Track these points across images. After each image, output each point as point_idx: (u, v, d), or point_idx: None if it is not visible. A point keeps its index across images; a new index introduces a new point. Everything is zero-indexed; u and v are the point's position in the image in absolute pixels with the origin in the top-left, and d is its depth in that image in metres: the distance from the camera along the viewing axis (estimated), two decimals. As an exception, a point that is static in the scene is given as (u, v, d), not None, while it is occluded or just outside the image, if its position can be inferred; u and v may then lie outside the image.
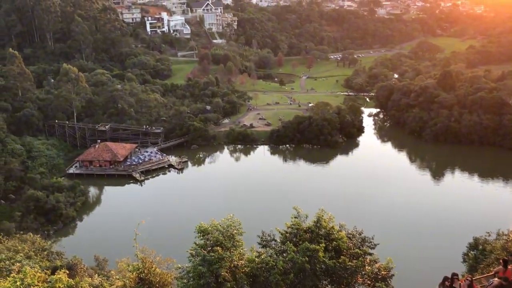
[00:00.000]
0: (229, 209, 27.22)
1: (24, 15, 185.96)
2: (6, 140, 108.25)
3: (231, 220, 22.57)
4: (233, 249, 21.53)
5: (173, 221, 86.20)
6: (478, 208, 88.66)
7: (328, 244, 22.95)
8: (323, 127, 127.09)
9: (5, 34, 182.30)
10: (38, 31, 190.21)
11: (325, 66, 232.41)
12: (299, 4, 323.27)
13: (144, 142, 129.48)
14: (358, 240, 24.22)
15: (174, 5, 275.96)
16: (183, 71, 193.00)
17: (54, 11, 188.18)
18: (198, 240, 21.87)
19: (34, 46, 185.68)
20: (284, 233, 24.04)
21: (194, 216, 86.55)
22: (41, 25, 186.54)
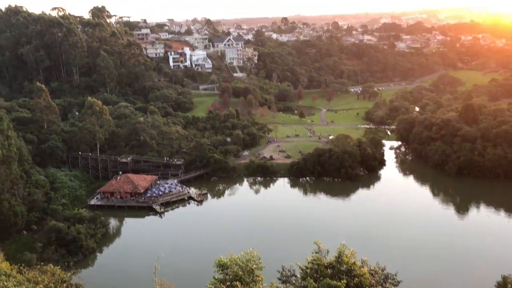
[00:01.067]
0: (249, 243, 26.94)
1: (52, 50, 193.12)
2: (31, 172, 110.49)
3: (250, 254, 22.30)
4: (253, 284, 21.20)
5: (192, 254, 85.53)
6: (505, 244, 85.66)
7: (350, 280, 22.40)
8: (343, 159, 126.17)
9: (34, 69, 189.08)
10: (65, 66, 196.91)
11: (345, 99, 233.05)
12: (319, 39, 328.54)
13: (164, 174, 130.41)
14: (380, 277, 23.60)
15: (197, 40, 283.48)
16: (204, 103, 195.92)
17: (80, 46, 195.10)
18: (217, 274, 21.63)
19: (61, 80, 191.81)
20: (305, 269, 23.60)
21: (213, 250, 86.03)
22: (68, 60, 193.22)
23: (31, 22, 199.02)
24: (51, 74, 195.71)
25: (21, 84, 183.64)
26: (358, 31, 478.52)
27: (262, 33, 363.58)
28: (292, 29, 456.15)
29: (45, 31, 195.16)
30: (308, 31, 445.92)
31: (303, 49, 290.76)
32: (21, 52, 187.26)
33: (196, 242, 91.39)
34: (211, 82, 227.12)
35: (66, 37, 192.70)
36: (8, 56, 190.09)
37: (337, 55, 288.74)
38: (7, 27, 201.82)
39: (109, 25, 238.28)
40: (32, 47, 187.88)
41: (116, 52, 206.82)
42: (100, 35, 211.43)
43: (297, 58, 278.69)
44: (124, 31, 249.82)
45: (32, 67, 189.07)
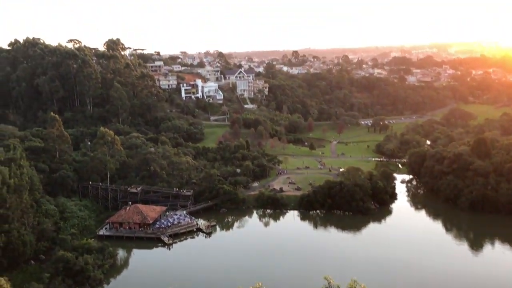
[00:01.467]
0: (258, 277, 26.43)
1: (67, 81, 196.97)
2: (41, 201, 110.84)
3: (259, 289, 21.84)
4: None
5: (200, 287, 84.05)
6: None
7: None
8: (354, 192, 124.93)
9: (48, 99, 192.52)
10: (79, 96, 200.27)
11: (356, 132, 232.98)
12: (329, 72, 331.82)
13: (174, 204, 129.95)
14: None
15: (209, 72, 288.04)
16: (215, 134, 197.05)
17: (95, 77, 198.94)
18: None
19: (74, 110, 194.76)
20: (315, 306, 22.98)
21: (221, 283, 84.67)
22: (82, 90, 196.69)
23: (48, 54, 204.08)
24: (65, 104, 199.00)
25: (36, 114, 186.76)
26: (368, 64, 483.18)
27: (272, 65, 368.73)
28: (302, 62, 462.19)
29: (60, 62, 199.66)
30: (319, 64, 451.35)
31: (314, 82, 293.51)
32: (36, 82, 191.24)
33: (204, 275, 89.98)
34: (222, 113, 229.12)
35: (81, 68, 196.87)
36: (24, 87, 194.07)
37: (347, 88, 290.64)
38: (24, 58, 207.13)
39: (124, 57, 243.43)
40: (47, 78, 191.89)
41: (129, 84, 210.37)
42: (114, 66, 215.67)
43: (308, 91, 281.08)
44: (138, 63, 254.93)
45: (47, 97, 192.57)
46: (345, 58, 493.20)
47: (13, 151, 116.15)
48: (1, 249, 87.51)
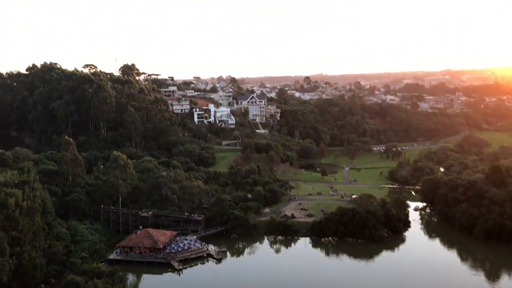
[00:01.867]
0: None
1: (81, 105, 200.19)
2: (53, 224, 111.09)
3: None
4: None
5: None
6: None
7: None
8: (367, 220, 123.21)
9: (63, 123, 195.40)
10: (93, 120, 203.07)
11: (368, 158, 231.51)
12: (341, 98, 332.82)
13: (184, 229, 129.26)
14: None
15: (221, 97, 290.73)
16: (227, 159, 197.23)
17: (109, 102, 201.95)
18: None
19: (88, 134, 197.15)
20: None
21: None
22: (97, 114, 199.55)
23: (64, 78, 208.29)
24: (80, 128, 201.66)
25: (50, 137, 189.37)
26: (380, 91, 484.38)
27: (285, 91, 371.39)
28: (314, 88, 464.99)
29: (76, 86, 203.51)
30: (331, 90, 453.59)
31: (326, 108, 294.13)
32: (52, 106, 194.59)
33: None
34: (233, 138, 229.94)
35: (96, 93, 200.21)
36: (40, 110, 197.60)
37: (359, 114, 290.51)
38: (41, 82, 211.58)
39: (138, 82, 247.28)
40: (63, 102, 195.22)
41: (143, 108, 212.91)
42: (129, 91, 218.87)
43: (320, 116, 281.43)
44: (152, 88, 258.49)
45: (61, 121, 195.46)
46: (357, 84, 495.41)
47: (27, 174, 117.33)
48: (12, 272, 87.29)
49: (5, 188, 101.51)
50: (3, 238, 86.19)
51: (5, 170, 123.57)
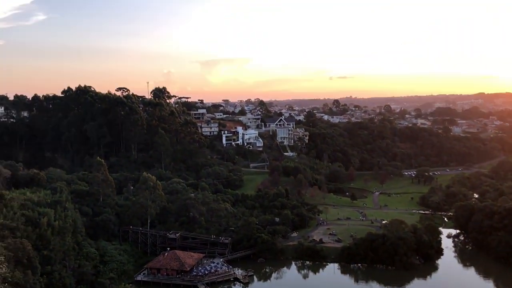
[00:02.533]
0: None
1: (113, 127, 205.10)
2: (83, 244, 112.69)
3: None
4: None
5: None
6: None
7: None
8: (397, 246, 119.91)
9: (95, 144, 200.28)
10: (124, 142, 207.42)
11: (399, 183, 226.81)
12: (371, 121, 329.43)
13: (211, 252, 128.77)
14: None
15: (249, 120, 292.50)
16: (254, 181, 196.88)
17: (141, 124, 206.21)
18: None
19: (119, 155, 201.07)
20: None
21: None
22: (128, 136, 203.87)
23: (97, 101, 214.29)
24: (111, 149, 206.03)
25: (83, 158, 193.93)
26: (411, 114, 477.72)
27: (313, 114, 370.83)
28: (343, 111, 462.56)
29: (109, 109, 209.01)
30: (360, 114, 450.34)
31: (355, 131, 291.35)
32: (85, 128, 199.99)
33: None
34: (261, 161, 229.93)
35: (128, 115, 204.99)
36: (74, 132, 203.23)
37: (390, 138, 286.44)
38: (75, 105, 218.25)
39: (169, 104, 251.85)
40: (95, 124, 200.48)
41: (173, 130, 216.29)
42: (160, 114, 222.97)
43: (349, 140, 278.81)
44: (182, 110, 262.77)
45: (94, 143, 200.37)
46: (387, 108, 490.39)
47: (60, 194, 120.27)
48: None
49: (38, 207, 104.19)
50: (35, 257, 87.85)
51: (39, 190, 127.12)
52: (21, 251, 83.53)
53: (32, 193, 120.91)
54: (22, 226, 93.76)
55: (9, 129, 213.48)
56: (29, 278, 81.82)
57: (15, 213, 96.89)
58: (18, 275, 76.64)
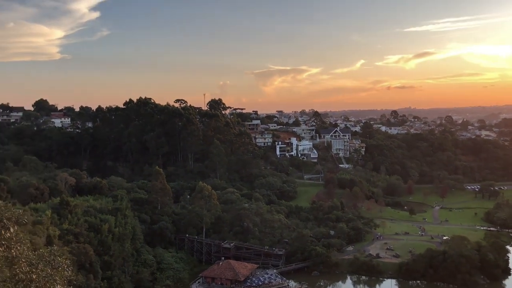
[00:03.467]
0: None
1: (171, 138, 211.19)
2: (141, 250, 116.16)
3: None
4: None
5: None
6: None
7: None
8: (460, 264, 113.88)
9: (154, 154, 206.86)
10: (181, 152, 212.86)
11: (461, 197, 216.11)
12: (431, 133, 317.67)
13: (265, 263, 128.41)
14: None
15: (304, 131, 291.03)
16: (308, 193, 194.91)
17: (197, 135, 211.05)
18: None
19: (177, 165, 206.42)
20: None
21: None
22: (185, 146, 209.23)
23: (157, 112, 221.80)
24: (169, 159, 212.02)
25: (142, 167, 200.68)
26: (474, 125, 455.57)
27: (370, 125, 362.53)
28: (402, 122, 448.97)
29: (167, 120, 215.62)
30: (419, 125, 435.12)
31: (414, 143, 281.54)
32: (145, 138, 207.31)
33: None
34: (316, 172, 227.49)
35: (185, 126, 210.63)
36: (134, 142, 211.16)
37: (451, 150, 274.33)
38: (136, 116, 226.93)
39: (224, 116, 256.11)
40: (154, 135, 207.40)
41: (228, 141, 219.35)
42: (215, 125, 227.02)
43: (407, 152, 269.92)
44: (236, 121, 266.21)
45: (153, 152, 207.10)
46: (449, 119, 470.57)
47: (120, 202, 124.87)
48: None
49: (100, 214, 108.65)
50: (96, 262, 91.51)
51: (101, 197, 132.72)
52: (84, 256, 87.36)
53: (94, 200, 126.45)
54: (85, 232, 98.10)
55: (74, 139, 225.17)
56: (91, 282, 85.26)
57: (79, 219, 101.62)
58: (81, 279, 80.00)
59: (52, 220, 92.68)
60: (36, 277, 16.04)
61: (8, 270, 15.88)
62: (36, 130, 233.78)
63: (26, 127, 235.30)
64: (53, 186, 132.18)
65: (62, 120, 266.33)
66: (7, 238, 15.89)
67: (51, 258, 17.61)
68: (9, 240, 15.97)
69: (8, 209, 16.36)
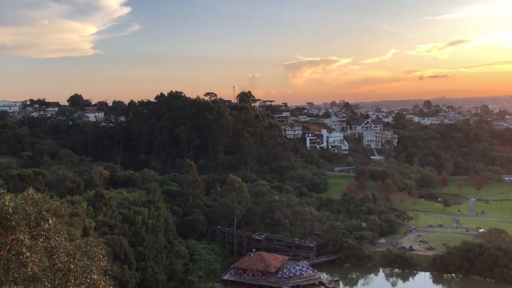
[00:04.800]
0: None
1: (202, 131, 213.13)
2: (174, 242, 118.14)
3: None
4: None
5: None
6: None
7: None
8: (497, 257, 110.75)
9: (185, 147, 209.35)
10: (212, 145, 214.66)
11: (498, 189, 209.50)
12: (466, 123, 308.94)
13: (296, 255, 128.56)
14: None
15: (334, 123, 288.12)
16: (339, 185, 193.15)
17: (227, 128, 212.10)
18: None
19: (208, 157, 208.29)
20: None
21: None
22: (216, 139, 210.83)
23: (187, 106, 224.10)
24: (200, 152, 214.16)
25: (174, 160, 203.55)
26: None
27: (402, 116, 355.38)
28: (435, 112, 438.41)
29: (198, 113, 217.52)
30: (454, 115, 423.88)
31: (448, 133, 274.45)
32: (176, 132, 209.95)
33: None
34: (347, 164, 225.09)
35: (215, 119, 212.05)
36: (166, 135, 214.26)
37: (487, 140, 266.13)
38: (167, 110, 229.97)
39: (253, 108, 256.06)
40: (185, 128, 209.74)
41: (257, 133, 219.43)
42: (245, 117, 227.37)
43: (441, 142, 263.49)
44: (266, 114, 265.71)
45: (184, 145, 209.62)
46: (485, 108, 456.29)
47: (153, 194, 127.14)
48: (138, 285, 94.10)
49: (134, 206, 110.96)
50: (131, 253, 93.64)
51: (135, 190, 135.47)
52: (118, 247, 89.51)
53: (128, 192, 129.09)
54: (120, 224, 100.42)
55: (108, 133, 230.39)
56: (125, 272, 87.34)
57: (113, 211, 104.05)
58: (116, 269, 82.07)
59: (87, 212, 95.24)
60: (74, 267, 16.52)
61: (48, 260, 16.42)
62: (71, 124, 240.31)
63: (61, 122, 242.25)
64: (88, 179, 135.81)
65: (96, 115, 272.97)
66: (46, 229, 16.41)
67: (88, 248, 18.12)
68: (48, 231, 16.49)
69: (46, 201, 16.87)
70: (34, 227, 16.13)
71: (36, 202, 16.53)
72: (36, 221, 16.07)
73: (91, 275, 16.84)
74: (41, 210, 16.27)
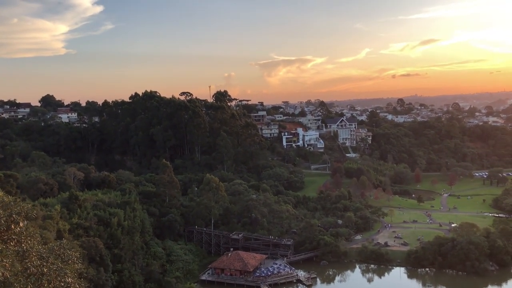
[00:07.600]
0: None
1: (178, 130, 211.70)
2: (151, 243, 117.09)
3: None
4: None
5: None
6: None
7: None
8: (469, 251, 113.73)
9: (161, 147, 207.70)
10: (188, 145, 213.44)
11: (469, 184, 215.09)
12: (438, 120, 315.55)
13: (274, 253, 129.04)
14: None
15: (310, 121, 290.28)
16: (315, 183, 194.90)
17: (203, 127, 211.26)
18: None
19: (184, 157, 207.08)
20: None
21: None
22: (192, 139, 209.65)
23: (163, 105, 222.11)
24: (176, 152, 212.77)
25: (149, 160, 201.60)
26: (481, 112, 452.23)
27: (376, 114, 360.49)
28: (408, 110, 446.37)
29: (173, 113, 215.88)
30: (426, 112, 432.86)
31: (421, 131, 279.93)
32: (152, 132, 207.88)
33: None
34: (322, 162, 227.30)
35: (191, 118, 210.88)
36: (141, 136, 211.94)
37: (458, 137, 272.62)
38: (142, 110, 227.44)
39: (230, 107, 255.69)
40: (161, 128, 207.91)
41: (234, 132, 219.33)
42: (221, 117, 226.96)
43: (414, 140, 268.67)
44: (242, 113, 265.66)
45: (160, 146, 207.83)
46: (456, 106, 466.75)
47: (128, 195, 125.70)
48: (114, 287, 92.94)
49: (109, 208, 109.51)
50: (106, 255, 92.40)
51: (110, 191, 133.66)
52: (94, 249, 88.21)
53: (103, 194, 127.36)
54: (95, 226, 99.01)
55: (81, 134, 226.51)
56: (101, 275, 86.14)
57: (88, 213, 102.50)
58: (92, 272, 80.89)
59: (61, 215, 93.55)
60: (47, 271, 16.25)
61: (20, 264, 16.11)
62: (44, 125, 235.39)
63: (33, 123, 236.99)
64: (62, 181, 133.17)
65: (69, 116, 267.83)
66: (17, 233, 16.10)
67: (62, 251, 17.84)
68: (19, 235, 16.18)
69: (17, 204, 16.56)
70: (4, 231, 15.80)
71: (6, 205, 16.20)
72: (7, 224, 15.75)
73: (65, 278, 16.59)
74: (12, 213, 15.95)
